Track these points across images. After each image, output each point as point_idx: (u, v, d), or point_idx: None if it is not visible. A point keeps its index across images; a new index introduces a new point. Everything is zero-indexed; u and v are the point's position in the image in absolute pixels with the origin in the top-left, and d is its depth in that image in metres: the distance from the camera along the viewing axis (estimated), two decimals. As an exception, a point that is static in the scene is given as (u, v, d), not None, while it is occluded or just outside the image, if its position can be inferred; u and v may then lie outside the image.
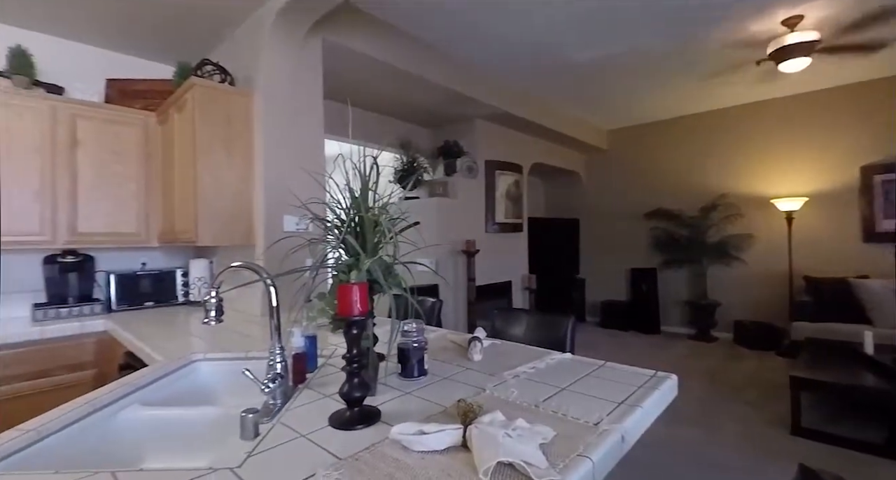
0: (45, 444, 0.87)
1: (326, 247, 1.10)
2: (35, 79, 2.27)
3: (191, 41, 2.65)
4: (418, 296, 2.47)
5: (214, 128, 2.17)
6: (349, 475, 0.69)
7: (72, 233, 2.28)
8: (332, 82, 3.24)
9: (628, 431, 0.87)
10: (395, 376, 1.19)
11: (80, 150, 2.31)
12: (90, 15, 2.34)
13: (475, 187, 4.31)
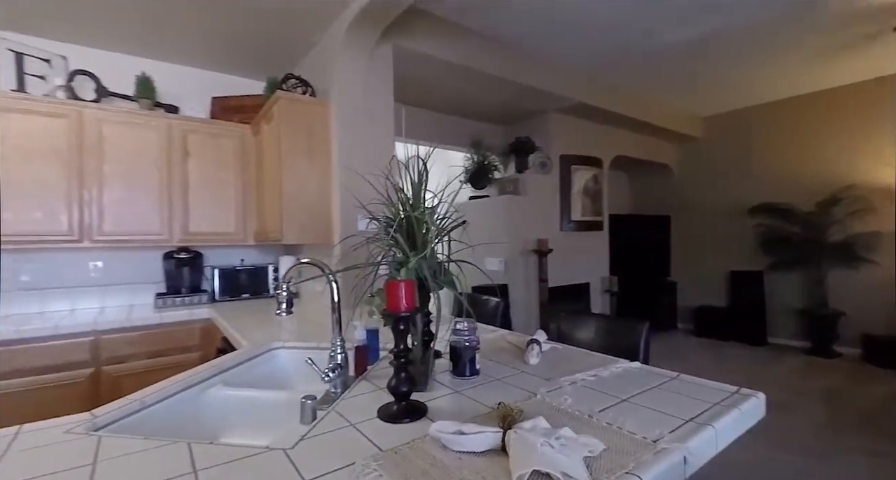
0: (145, 413, 1.02)
1: (380, 246, 1.14)
2: (156, 101, 2.67)
3: (279, 58, 2.91)
4: (484, 296, 2.46)
5: (297, 136, 2.36)
6: (386, 467, 0.71)
7: (184, 232, 2.64)
8: (405, 86, 3.34)
9: (693, 453, 0.78)
10: (448, 374, 1.20)
11: (191, 161, 2.67)
12: (198, 43, 2.68)
13: (548, 184, 4.17)
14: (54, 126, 2.26)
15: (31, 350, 2.00)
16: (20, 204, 2.19)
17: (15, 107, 2.18)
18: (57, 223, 2.28)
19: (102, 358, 2.16)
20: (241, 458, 0.75)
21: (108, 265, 2.64)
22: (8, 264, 2.38)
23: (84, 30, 2.48)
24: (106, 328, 2.20)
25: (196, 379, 1.19)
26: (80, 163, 2.34)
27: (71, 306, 2.54)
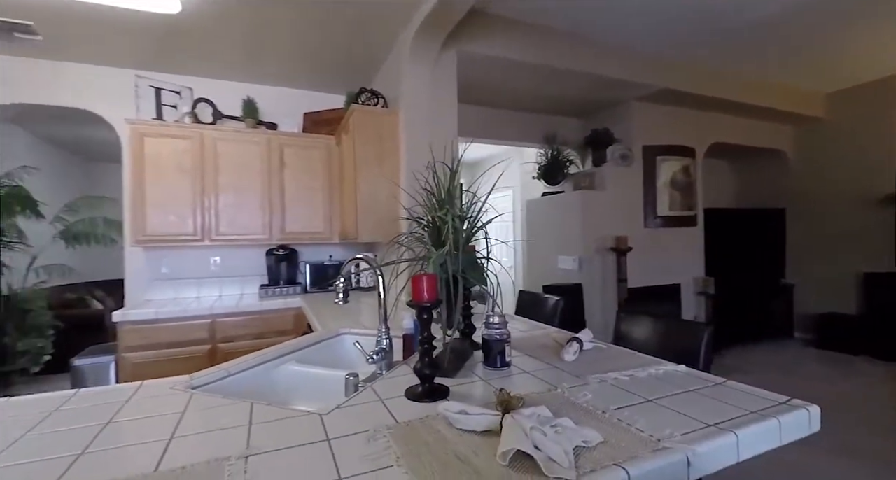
0: (230, 379, 1.26)
1: (409, 243, 1.25)
2: (258, 119, 3.12)
3: (358, 73, 3.20)
4: (544, 295, 2.46)
5: (369, 144, 2.60)
6: (395, 435, 0.82)
7: (282, 232, 3.05)
8: (474, 87, 3.44)
9: (700, 456, 0.76)
10: (481, 364, 1.27)
11: (286, 171, 3.07)
12: (291, 67, 3.07)
13: (629, 177, 3.94)
14: (182, 146, 2.79)
15: (166, 328, 2.51)
16: (159, 211, 2.74)
17: (156, 133, 2.74)
18: (185, 225, 2.80)
19: (217, 337, 2.62)
20: (285, 418, 0.92)
21: (224, 260, 3.17)
22: (152, 259, 2.99)
23: (204, 65, 3.00)
24: (220, 312, 2.66)
25: (271, 355, 1.43)
26: (202, 176, 2.84)
27: (197, 294, 3.10)
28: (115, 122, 2.94)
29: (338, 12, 2.41)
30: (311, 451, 0.77)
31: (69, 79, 2.86)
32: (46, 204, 3.85)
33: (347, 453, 0.76)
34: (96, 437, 0.84)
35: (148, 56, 2.82)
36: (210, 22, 2.44)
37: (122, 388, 1.13)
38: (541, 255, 4.32)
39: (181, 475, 0.69)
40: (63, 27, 2.42)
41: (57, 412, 0.98)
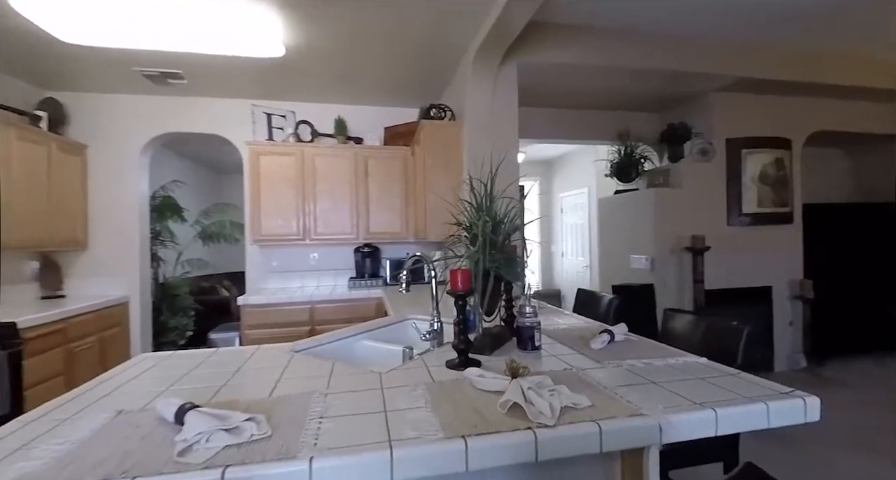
0: (322, 347, 1.63)
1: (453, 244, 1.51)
2: (347, 135, 3.61)
3: (431, 89, 3.54)
4: (599, 292, 2.57)
5: (436, 155, 2.91)
6: (429, 390, 1.09)
7: (367, 232, 3.51)
8: (538, 91, 3.58)
9: (673, 424, 0.91)
10: (516, 347, 1.49)
11: (370, 179, 3.52)
12: (375, 88, 3.51)
13: (710, 173, 3.75)
14: (288, 162, 3.36)
15: (275, 311, 3.08)
16: (271, 216, 3.34)
17: (268, 152, 3.35)
18: (290, 227, 3.38)
19: (315, 320, 3.13)
20: (355, 373, 1.24)
21: (321, 256, 3.73)
22: (265, 255, 3.63)
23: (304, 92, 3.56)
24: (318, 300, 3.18)
25: (352, 332, 1.79)
26: (303, 186, 3.40)
27: (300, 284, 3.69)
28: (238, 143, 3.63)
29: (412, 42, 2.75)
30: (369, 395, 1.07)
31: (204, 110, 3.61)
32: (188, 210, 4.82)
33: (393, 398, 1.04)
34: (231, 377, 1.24)
35: (261, 89, 3.44)
36: (307, 60, 2.94)
37: (246, 350, 1.56)
38: (613, 255, 4.29)
39: (284, 399, 1.04)
40: (199, 72, 3.09)
41: (204, 363, 1.41)
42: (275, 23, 2.44)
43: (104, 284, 3.41)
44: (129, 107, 3.49)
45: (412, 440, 0.82)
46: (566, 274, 6.84)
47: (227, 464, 0.73)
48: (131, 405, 1.02)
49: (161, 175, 4.57)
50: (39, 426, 0.91)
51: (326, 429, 0.87)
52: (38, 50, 2.69)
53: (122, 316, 3.36)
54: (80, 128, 3.42)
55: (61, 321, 2.64)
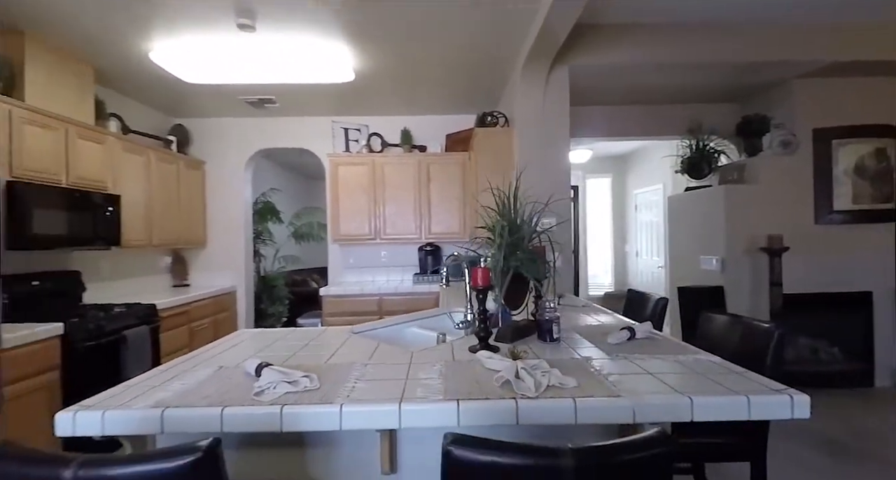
0: (376, 332, 1.94)
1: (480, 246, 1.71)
2: (412, 144, 3.95)
3: (488, 96, 3.74)
4: (649, 293, 2.59)
5: (488, 159, 3.11)
6: (447, 366, 1.32)
7: (428, 232, 3.82)
8: (599, 90, 3.58)
9: (646, 406, 1.03)
10: (536, 338, 1.65)
11: (431, 184, 3.82)
12: (437, 99, 3.80)
13: (792, 167, 3.45)
14: (361, 170, 3.79)
15: (350, 301, 3.52)
16: (348, 218, 3.79)
17: (345, 162, 3.80)
18: (363, 228, 3.81)
19: (383, 311, 3.51)
20: (393, 351, 1.51)
21: (389, 254, 4.13)
22: (343, 252, 4.11)
23: (374, 108, 3.97)
24: (386, 293, 3.56)
25: (401, 320, 2.09)
26: (374, 192, 3.81)
27: (372, 278, 4.12)
28: (321, 155, 4.16)
29: (465, 57, 2.98)
30: (398, 367, 1.33)
31: (293, 128, 4.19)
32: (284, 212, 5.54)
33: (416, 370, 1.29)
34: (301, 349, 1.58)
35: (339, 106, 3.92)
36: (374, 80, 3.31)
37: (316, 330, 1.92)
38: (682, 255, 4.12)
39: (334, 366, 1.34)
40: (288, 96, 3.62)
41: (283, 338, 1.78)
42: (346, 54, 2.83)
43: (218, 276, 4.14)
44: (235, 128, 4.19)
45: (418, 399, 1.06)
46: (641, 275, 6.57)
47: (285, 404, 1.03)
48: (228, 363, 1.40)
49: (262, 183, 5.34)
50: (170, 374, 1.30)
51: (359, 387, 1.14)
52: (169, 88, 3.40)
53: (231, 303, 4.06)
54: (199, 147, 4.19)
55: (186, 305, 3.31)
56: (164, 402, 1.05)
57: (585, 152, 5.83)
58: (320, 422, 1.01)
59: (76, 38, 2.59)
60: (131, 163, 3.17)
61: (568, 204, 3.14)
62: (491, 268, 1.54)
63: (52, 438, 1.15)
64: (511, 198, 1.66)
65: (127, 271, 3.50)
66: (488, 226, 1.64)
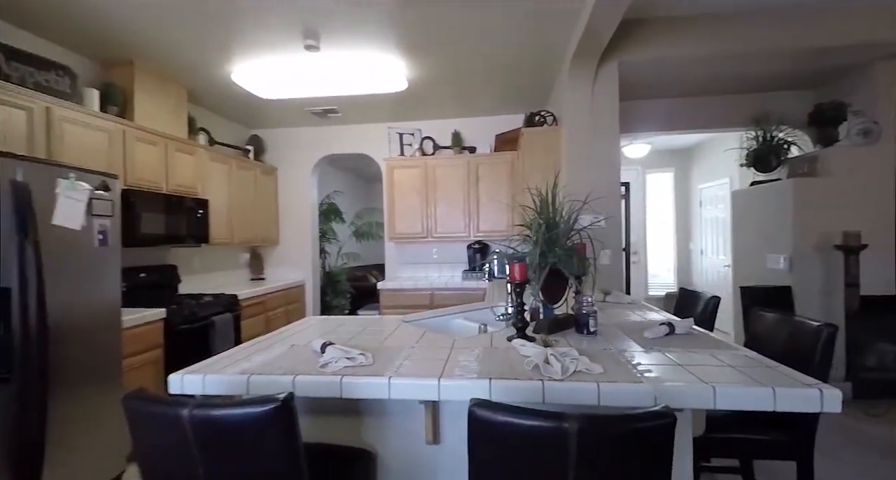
0: (423, 321, 2.12)
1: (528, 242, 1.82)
2: (462, 146, 4.10)
3: (537, 96, 3.79)
4: (700, 292, 2.56)
5: (535, 158, 3.18)
6: (485, 351, 1.45)
7: (476, 230, 3.96)
8: (655, 83, 3.50)
9: (668, 392, 1.10)
10: (574, 331, 1.73)
11: (480, 183, 3.95)
12: (487, 101, 3.92)
13: (873, 157, 3.15)
14: (414, 173, 4.01)
15: (404, 295, 3.75)
16: (402, 218, 4.03)
17: (399, 165, 4.04)
18: (416, 227, 4.03)
19: (434, 305, 3.70)
20: (437, 338, 1.67)
21: (440, 251, 4.32)
22: (399, 250, 4.36)
23: (426, 113, 4.17)
24: (437, 287, 3.75)
25: (448, 312, 2.24)
26: (426, 193, 4.01)
27: (424, 274, 4.34)
28: (378, 159, 4.44)
29: (512, 59, 3.07)
30: (441, 350, 1.48)
31: (353, 135, 4.51)
32: (346, 213, 5.94)
33: (456, 354, 1.44)
34: (359, 333, 1.79)
35: (394, 113, 4.17)
36: (426, 88, 3.51)
37: (372, 318, 2.13)
38: (748, 254, 3.91)
39: (386, 347, 1.52)
40: (349, 106, 3.92)
41: (345, 324, 2.01)
42: (400, 65, 3.05)
43: (289, 271, 4.57)
44: (303, 136, 4.59)
45: (456, 376, 1.21)
46: (706, 275, 6.23)
47: (344, 375, 1.23)
48: (299, 342, 1.63)
49: (326, 186, 5.76)
50: (252, 349, 1.56)
51: (406, 365, 1.31)
52: (247, 103, 3.82)
53: (300, 295, 4.47)
54: (272, 154, 4.64)
55: (262, 296, 3.72)
56: (248, 370, 1.29)
57: (643, 147, 5.64)
58: (372, 391, 1.19)
59: (173, 65, 3.03)
60: (216, 171, 3.62)
61: (617, 201, 3.12)
62: (528, 264, 1.65)
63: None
64: (549, 196, 1.75)
65: (213, 266, 4.00)
66: (526, 223, 1.75)
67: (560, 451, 0.80)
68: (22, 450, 1.72)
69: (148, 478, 1.00)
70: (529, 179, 3.20)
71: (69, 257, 1.94)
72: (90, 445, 2.01)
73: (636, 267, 6.83)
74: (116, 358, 2.20)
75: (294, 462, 0.94)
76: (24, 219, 1.73)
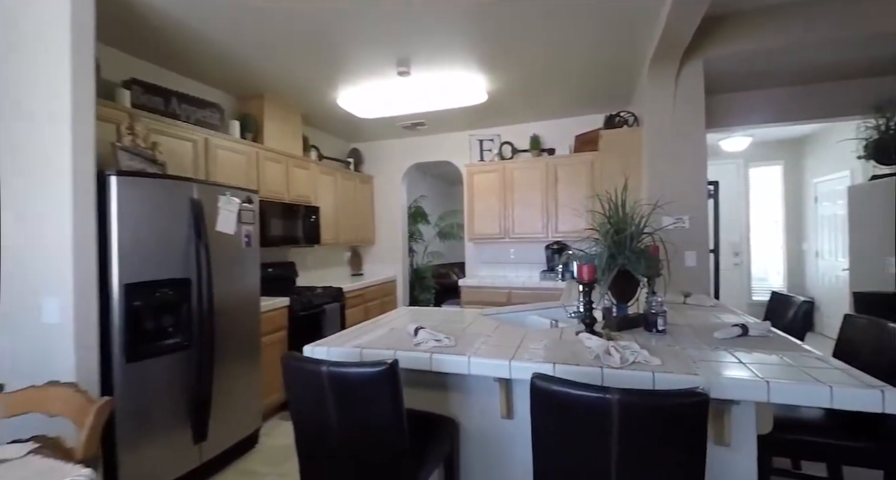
0: (501, 316, 2.36)
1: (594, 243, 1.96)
2: (541, 148, 4.23)
3: (619, 96, 3.79)
4: (803, 299, 2.45)
5: (613, 160, 3.23)
6: (553, 342, 1.65)
7: (555, 231, 4.07)
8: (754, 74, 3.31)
9: (720, 384, 1.21)
10: (643, 329, 1.84)
11: (559, 185, 4.05)
12: (568, 103, 4.01)
13: None
14: (492, 177, 4.25)
15: (482, 292, 4.02)
16: (480, 219, 4.30)
17: (478, 170, 4.31)
18: (494, 228, 4.27)
19: (512, 302, 3.91)
20: (513, 329, 1.90)
21: (517, 252, 4.50)
22: (478, 249, 4.64)
23: (505, 119, 4.38)
24: (514, 286, 3.96)
25: (524, 309, 2.46)
26: (503, 195, 4.23)
27: (503, 273, 4.55)
28: (459, 166, 4.76)
29: (590, 63, 3.15)
30: (514, 339, 1.71)
31: (437, 144, 4.89)
32: (431, 215, 6.37)
33: (527, 343, 1.66)
34: (443, 321, 2.09)
35: (473, 122, 4.45)
36: (505, 96, 3.72)
37: (454, 310, 2.42)
38: (865, 256, 3.51)
39: (467, 333, 1.79)
40: (434, 119, 4.28)
41: (432, 314, 2.32)
42: (479, 80, 3.31)
43: (383, 268, 5.10)
44: (395, 148, 5.09)
45: (524, 359, 1.43)
46: (821, 279, 5.58)
47: (433, 352, 1.52)
48: (397, 326, 1.97)
49: (414, 191, 6.25)
50: (361, 331, 1.93)
51: (483, 348, 1.57)
52: (348, 122, 4.37)
53: (392, 290, 4.97)
54: (369, 165, 5.21)
55: (362, 289, 4.24)
56: (361, 345, 1.65)
57: (743, 139, 5.23)
58: (455, 366, 1.47)
59: (292, 95, 3.63)
60: (325, 182, 4.22)
61: (702, 201, 3.05)
62: (597, 265, 1.81)
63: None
64: (618, 200, 1.88)
65: (322, 263, 4.64)
66: (595, 227, 1.90)
67: (605, 419, 1.00)
68: (198, 401, 2.30)
69: (297, 417, 1.38)
70: (608, 181, 3.25)
71: (226, 255, 2.52)
72: (237, 402, 2.58)
73: (738, 269, 6.31)
74: (257, 335, 2.77)
75: (398, 414, 1.24)
76: (199, 226, 2.31)
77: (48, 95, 1.88)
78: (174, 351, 2.20)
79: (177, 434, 2.20)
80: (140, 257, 2.05)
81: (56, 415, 1.29)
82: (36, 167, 1.90)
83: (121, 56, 2.76)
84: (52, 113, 1.87)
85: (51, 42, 1.87)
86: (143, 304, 2.07)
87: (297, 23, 2.49)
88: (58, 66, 1.86)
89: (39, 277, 1.90)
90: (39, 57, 1.90)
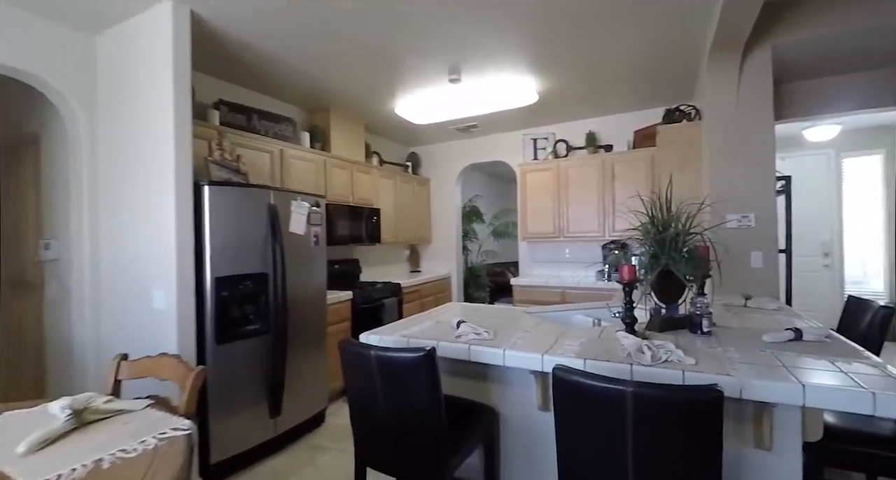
0: (545, 314, 2.42)
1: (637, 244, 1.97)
2: (597, 145, 4.17)
3: (679, 90, 3.63)
4: (881, 305, 2.26)
5: (671, 155, 3.13)
6: (589, 340, 1.71)
7: (612, 230, 4.00)
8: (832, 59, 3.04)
9: (753, 386, 1.21)
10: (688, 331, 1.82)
11: (616, 182, 3.97)
12: (626, 98, 3.90)
13: None
14: (547, 175, 4.26)
15: (535, 291, 4.06)
16: (534, 218, 4.33)
17: (532, 169, 4.35)
18: (549, 227, 4.27)
19: (565, 302, 3.90)
20: (552, 326, 1.97)
21: (572, 251, 4.46)
22: (531, 248, 4.66)
23: (560, 116, 4.36)
24: (568, 286, 3.95)
25: (569, 307, 2.50)
26: (558, 194, 4.22)
27: (557, 273, 4.54)
28: (513, 165, 4.81)
29: (646, 57, 3.05)
30: (552, 335, 1.79)
31: (491, 144, 4.98)
32: (485, 214, 6.47)
33: (564, 339, 1.72)
34: (489, 317, 2.20)
35: (526, 121, 4.48)
36: (559, 96, 3.73)
37: (500, 306, 2.52)
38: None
39: (507, 328, 1.89)
40: (487, 121, 4.38)
41: (479, 310, 2.44)
42: (530, 82, 3.36)
43: (439, 265, 5.31)
44: (450, 150, 5.27)
45: (558, 354, 1.51)
46: (935, 282, 4.88)
47: (472, 344, 1.65)
48: (443, 319, 2.13)
49: (468, 190, 6.39)
50: (410, 323, 2.11)
51: (519, 343, 1.67)
52: (406, 128, 4.62)
53: (447, 287, 5.15)
54: (425, 167, 5.43)
55: (419, 285, 4.47)
56: (408, 335, 1.82)
57: (831, 128, 4.73)
58: (490, 358, 1.59)
59: (356, 106, 3.93)
60: (385, 186, 4.50)
61: (770, 199, 2.86)
62: (638, 265, 1.82)
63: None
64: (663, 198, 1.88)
65: (382, 260, 4.94)
66: (637, 227, 1.91)
67: (620, 410, 1.06)
68: (273, 380, 2.63)
69: (351, 396, 1.58)
70: (665, 178, 3.15)
71: (297, 253, 2.83)
72: (307, 384, 2.89)
73: (828, 271, 5.70)
74: (323, 325, 3.07)
75: (436, 398, 1.39)
76: (275, 228, 2.63)
77: (156, 120, 2.27)
78: (254, 336, 2.53)
79: (256, 407, 2.53)
80: (227, 254, 2.40)
81: (166, 379, 1.60)
82: (149, 179, 2.30)
83: (209, 80, 3.19)
84: (158, 135, 2.26)
85: (157, 76, 2.26)
86: (229, 295, 2.42)
87: (357, 40, 2.72)
88: (162, 94, 2.24)
89: (150, 271, 2.31)
90: (149, 91, 2.30)
